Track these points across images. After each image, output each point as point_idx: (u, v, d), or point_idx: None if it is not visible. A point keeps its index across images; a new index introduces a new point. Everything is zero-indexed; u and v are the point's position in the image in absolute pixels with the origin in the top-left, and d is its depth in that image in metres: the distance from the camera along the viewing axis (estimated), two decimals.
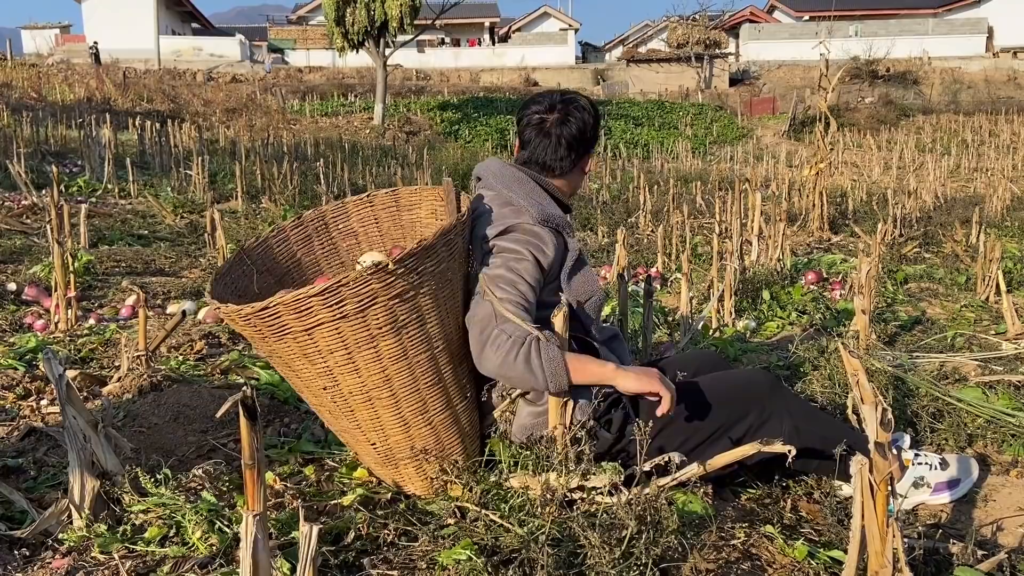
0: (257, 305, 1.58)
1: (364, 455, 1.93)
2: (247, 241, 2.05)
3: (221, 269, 1.95)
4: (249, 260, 1.99)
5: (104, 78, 25.64)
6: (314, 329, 1.60)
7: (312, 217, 2.11)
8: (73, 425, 1.72)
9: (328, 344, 1.63)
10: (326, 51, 35.97)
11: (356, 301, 1.58)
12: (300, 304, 1.57)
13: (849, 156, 19.18)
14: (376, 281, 1.57)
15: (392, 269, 1.56)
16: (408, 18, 22.42)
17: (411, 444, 1.80)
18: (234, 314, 1.63)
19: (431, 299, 1.68)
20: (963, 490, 1.98)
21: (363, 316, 1.60)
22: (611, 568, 1.45)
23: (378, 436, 1.80)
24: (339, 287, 1.55)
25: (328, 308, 1.57)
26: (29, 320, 3.65)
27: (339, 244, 2.12)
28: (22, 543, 1.68)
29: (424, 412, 1.77)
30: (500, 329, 1.72)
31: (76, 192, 8.38)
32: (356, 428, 1.81)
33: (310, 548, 1.03)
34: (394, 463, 1.85)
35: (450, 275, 1.73)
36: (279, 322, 1.60)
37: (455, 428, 1.84)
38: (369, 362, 1.67)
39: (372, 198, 2.12)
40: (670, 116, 27.98)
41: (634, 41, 44.35)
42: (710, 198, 9.04)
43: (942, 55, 35.30)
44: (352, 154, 14.83)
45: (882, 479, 1.19)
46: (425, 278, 1.63)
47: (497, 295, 1.75)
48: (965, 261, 5.55)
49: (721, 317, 3.84)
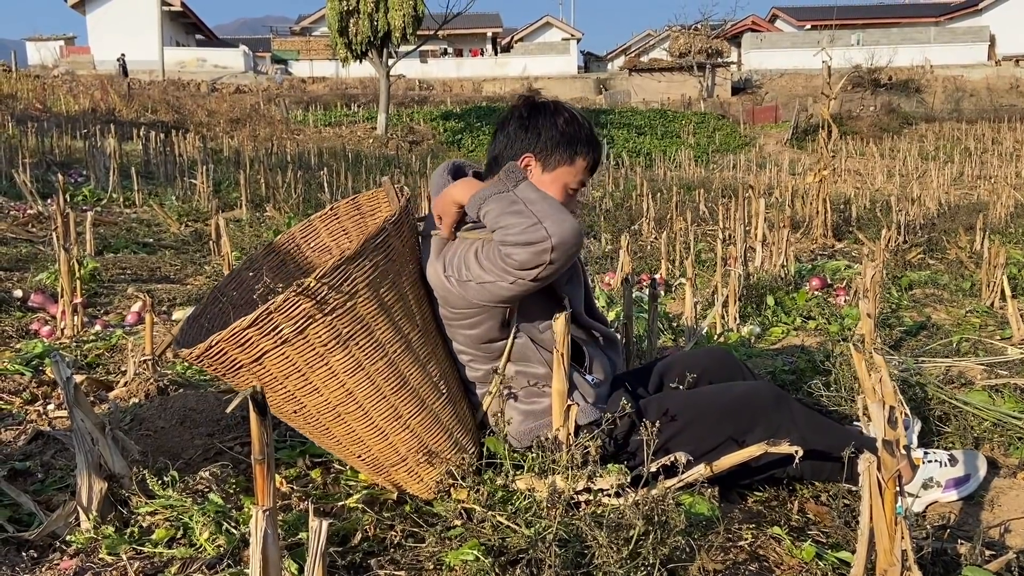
0: (202, 346, 1.58)
1: (356, 466, 1.94)
2: (220, 280, 2.03)
3: (195, 312, 1.92)
4: (224, 298, 1.97)
5: (109, 89, 25.77)
6: (262, 358, 1.60)
7: (283, 241, 2.09)
8: (81, 427, 1.72)
9: (281, 370, 1.63)
10: (329, 62, 36.15)
11: (291, 324, 1.57)
12: (238, 337, 1.56)
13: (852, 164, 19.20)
14: (305, 300, 1.55)
15: (315, 287, 1.55)
16: (411, 28, 22.53)
17: (394, 450, 1.79)
18: (187, 357, 1.64)
19: (374, 306, 1.66)
20: (972, 487, 1.96)
21: (304, 336, 1.59)
22: (618, 568, 1.45)
23: (360, 448, 1.79)
24: (270, 314, 1.55)
25: (267, 336, 1.57)
26: (35, 326, 3.67)
27: (315, 262, 2.09)
28: (30, 545, 1.68)
29: (398, 418, 1.75)
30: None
31: (81, 201, 8.42)
32: (337, 444, 1.81)
33: (320, 544, 1.04)
34: (384, 470, 1.84)
35: (392, 277, 1.70)
36: (227, 358, 1.60)
37: (437, 427, 1.81)
38: (326, 379, 1.66)
39: (336, 210, 2.10)
40: (672, 125, 28.03)
41: (636, 50, 44.46)
42: (713, 205, 9.05)
43: (944, 63, 35.35)
44: (355, 163, 14.88)
45: (890, 477, 1.19)
46: (359, 287, 1.61)
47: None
48: (969, 267, 5.55)
49: (725, 323, 3.84)
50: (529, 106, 1.90)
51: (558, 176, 1.87)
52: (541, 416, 1.86)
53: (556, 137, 1.85)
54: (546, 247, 1.61)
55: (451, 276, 1.77)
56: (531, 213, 1.64)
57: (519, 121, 1.89)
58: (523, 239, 1.63)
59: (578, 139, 1.87)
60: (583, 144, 1.88)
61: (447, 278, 1.78)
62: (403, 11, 22.18)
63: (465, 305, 1.79)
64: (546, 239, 1.61)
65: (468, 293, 1.76)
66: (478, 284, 1.73)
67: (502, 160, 1.88)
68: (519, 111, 1.90)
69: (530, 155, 1.86)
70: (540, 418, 1.86)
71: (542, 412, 1.86)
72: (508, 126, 1.90)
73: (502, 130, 1.91)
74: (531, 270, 1.65)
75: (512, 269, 1.66)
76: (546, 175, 1.87)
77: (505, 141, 1.90)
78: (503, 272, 1.68)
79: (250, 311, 1.95)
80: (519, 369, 1.87)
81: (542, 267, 1.64)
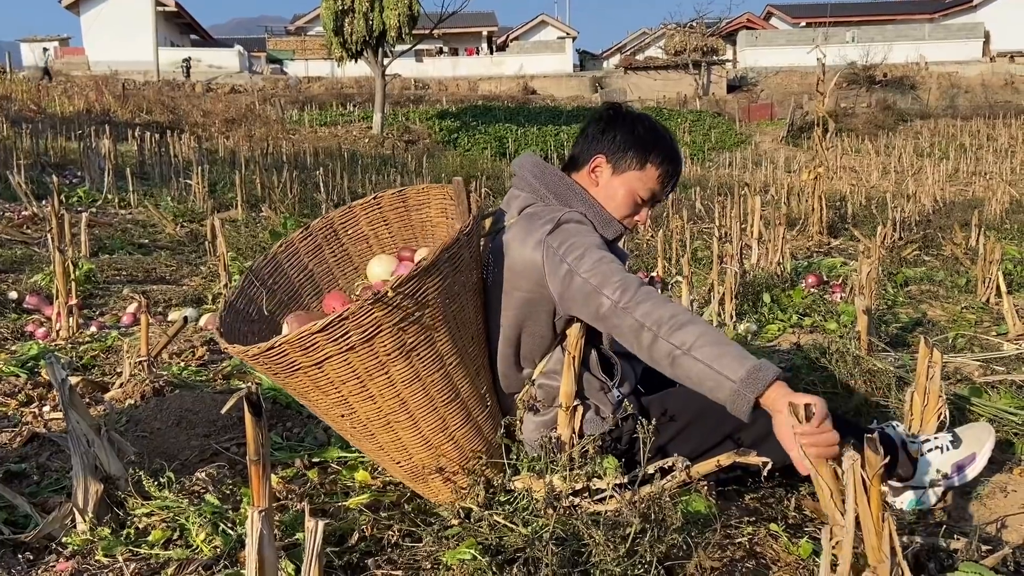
0: (263, 345, 1.55)
1: (392, 471, 1.91)
2: (256, 261, 2.00)
3: (229, 296, 1.89)
4: (258, 281, 1.94)
5: (103, 90, 25.71)
6: (323, 363, 1.58)
7: (320, 226, 2.06)
8: (76, 429, 1.72)
9: (339, 375, 1.60)
10: (325, 61, 36.04)
11: (360, 332, 1.55)
12: (305, 341, 1.54)
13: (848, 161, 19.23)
14: (378, 309, 1.54)
15: (392, 296, 1.53)
16: (406, 28, 22.51)
17: (435, 460, 1.78)
18: (242, 355, 1.60)
19: (439, 317, 1.64)
20: (980, 464, 1.90)
21: (370, 345, 1.57)
22: (615, 566, 1.45)
23: (402, 455, 1.78)
24: (341, 321, 1.52)
25: (334, 342, 1.54)
26: (31, 328, 3.65)
27: (351, 250, 2.07)
28: (26, 547, 1.68)
29: (444, 429, 1.74)
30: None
31: (76, 202, 8.39)
32: (380, 450, 1.79)
33: (316, 544, 1.03)
34: (423, 478, 1.82)
35: (457, 288, 1.68)
36: (287, 359, 1.57)
37: (478, 439, 1.81)
38: (383, 388, 1.64)
39: (379, 200, 2.07)
40: (668, 123, 27.97)
41: (632, 49, 44.51)
42: (709, 203, 9.05)
43: (939, 60, 35.43)
44: (351, 162, 14.87)
45: (875, 474, 1.19)
46: (429, 297, 1.59)
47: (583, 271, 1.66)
48: (965, 263, 5.56)
49: (722, 320, 3.84)
50: (612, 111, 1.92)
51: (627, 180, 1.86)
52: (553, 425, 1.85)
53: (630, 141, 1.86)
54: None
55: (559, 257, 1.70)
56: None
57: (599, 124, 1.90)
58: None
59: (653, 147, 1.86)
60: (657, 153, 1.86)
61: (552, 255, 1.71)
62: (398, 10, 22.16)
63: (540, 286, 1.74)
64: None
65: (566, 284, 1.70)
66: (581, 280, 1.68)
67: (580, 160, 1.91)
68: (601, 115, 1.92)
69: (602, 156, 1.87)
70: (552, 427, 1.85)
71: (554, 421, 1.85)
72: (589, 129, 1.92)
73: (583, 133, 1.93)
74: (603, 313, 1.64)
75: (607, 296, 1.63)
76: (615, 178, 1.87)
77: (584, 143, 1.91)
78: (600, 291, 1.64)
79: (286, 296, 1.96)
80: (543, 382, 1.86)
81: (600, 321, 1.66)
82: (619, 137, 1.86)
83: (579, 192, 1.87)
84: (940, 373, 2.00)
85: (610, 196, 1.87)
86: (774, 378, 1.45)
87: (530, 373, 1.86)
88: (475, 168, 15.84)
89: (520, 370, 1.86)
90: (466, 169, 14.23)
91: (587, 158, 1.89)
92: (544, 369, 1.85)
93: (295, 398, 1.80)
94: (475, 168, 15.84)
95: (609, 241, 1.84)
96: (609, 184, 1.86)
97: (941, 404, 2.02)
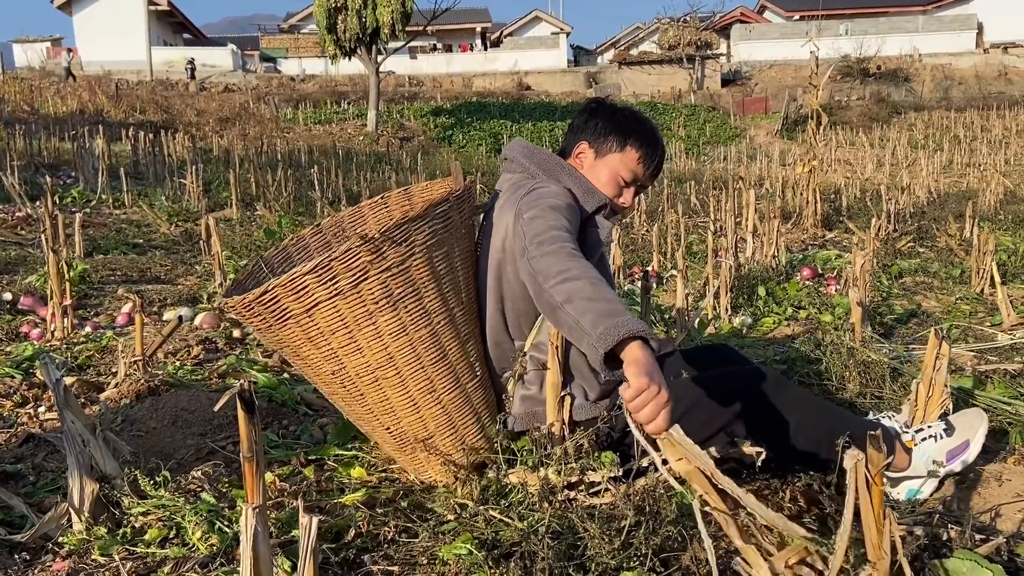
0: (257, 291, 1.62)
1: (383, 443, 1.96)
2: (267, 252, 2.10)
3: (239, 276, 1.98)
4: (267, 268, 2.03)
5: (96, 90, 25.62)
6: (313, 309, 1.64)
7: (331, 224, 2.16)
8: (71, 429, 1.72)
9: (329, 324, 1.67)
10: (318, 59, 36.00)
11: (349, 275, 1.61)
12: (296, 284, 1.60)
13: (842, 154, 19.25)
14: (365, 253, 1.60)
15: (379, 240, 1.59)
16: (400, 25, 22.46)
17: (423, 425, 1.81)
18: (237, 303, 1.67)
19: (426, 272, 1.70)
20: (975, 451, 1.91)
21: (358, 291, 1.63)
22: (611, 559, 1.45)
23: (390, 419, 1.82)
24: (330, 262, 1.59)
25: (323, 285, 1.61)
26: (25, 329, 3.65)
27: None
28: (22, 547, 1.67)
29: (432, 391, 1.78)
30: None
31: (70, 203, 8.37)
32: (369, 412, 1.83)
33: (310, 540, 1.03)
34: (410, 447, 1.86)
35: (447, 248, 1.74)
36: (279, 306, 1.64)
37: (467, 407, 1.85)
38: (370, 339, 1.69)
39: (386, 199, 2.16)
40: (663, 117, 28.04)
41: (626, 43, 44.49)
42: (704, 197, 9.06)
43: (932, 52, 35.45)
44: (346, 160, 14.85)
45: (877, 472, 1.19)
46: (416, 250, 1.66)
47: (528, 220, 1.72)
48: (959, 255, 5.57)
49: (717, 313, 3.85)
50: (595, 103, 2.04)
51: (608, 162, 1.96)
52: (541, 403, 1.86)
53: (611, 126, 1.97)
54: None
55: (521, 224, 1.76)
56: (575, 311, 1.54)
57: (583, 116, 2.03)
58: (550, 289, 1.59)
59: (632, 131, 1.97)
60: (636, 136, 1.96)
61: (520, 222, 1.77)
62: (391, 7, 22.11)
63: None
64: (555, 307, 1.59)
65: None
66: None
67: (567, 150, 2.02)
68: (586, 107, 2.05)
69: (585, 142, 1.98)
70: (539, 404, 1.86)
71: (541, 396, 1.86)
72: (575, 121, 2.04)
73: (570, 126, 2.06)
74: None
75: (530, 247, 1.66)
76: (598, 161, 1.97)
77: (570, 135, 2.03)
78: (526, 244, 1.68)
79: None
80: (533, 354, 1.88)
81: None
82: (600, 124, 1.98)
83: (567, 167, 1.96)
84: (948, 365, 2.00)
85: (594, 178, 1.96)
86: (625, 335, 1.43)
87: (522, 345, 1.90)
88: (470, 165, 15.83)
89: (511, 340, 1.91)
90: (461, 165, 14.19)
91: (572, 146, 2.00)
92: (534, 341, 1.88)
93: (289, 359, 1.85)
94: (470, 165, 15.83)
95: (592, 213, 1.90)
96: (593, 167, 1.97)
97: (946, 396, 2.02)
